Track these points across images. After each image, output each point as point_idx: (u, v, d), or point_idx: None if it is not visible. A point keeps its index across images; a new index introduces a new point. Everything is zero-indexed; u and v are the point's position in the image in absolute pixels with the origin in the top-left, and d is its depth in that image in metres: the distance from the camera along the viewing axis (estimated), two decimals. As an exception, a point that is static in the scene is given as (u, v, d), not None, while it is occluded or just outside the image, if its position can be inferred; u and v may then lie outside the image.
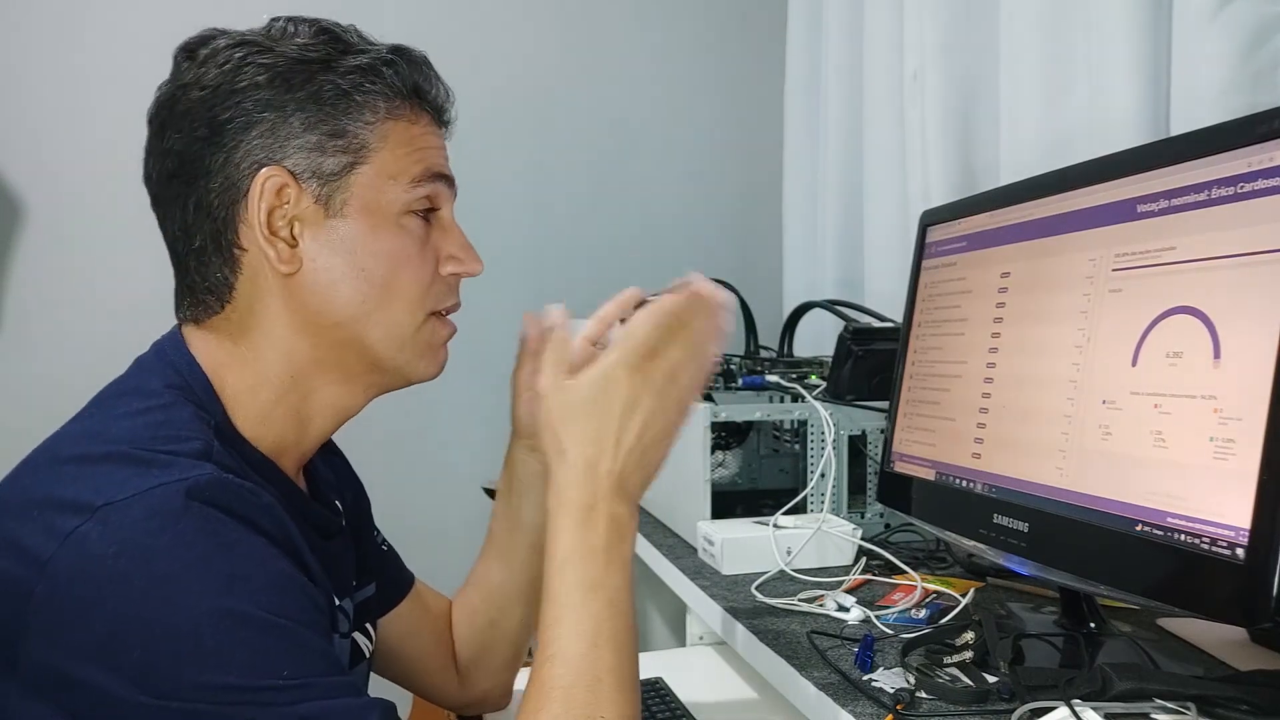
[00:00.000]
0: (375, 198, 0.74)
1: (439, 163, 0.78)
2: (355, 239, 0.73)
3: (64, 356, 1.92)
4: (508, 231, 2.22)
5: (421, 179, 0.76)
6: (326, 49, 0.73)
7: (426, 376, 0.80)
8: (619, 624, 0.68)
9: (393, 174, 0.74)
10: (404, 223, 0.75)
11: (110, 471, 0.61)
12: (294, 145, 0.72)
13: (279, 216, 0.72)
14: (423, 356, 0.79)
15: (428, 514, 2.07)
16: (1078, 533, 0.78)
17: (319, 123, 0.72)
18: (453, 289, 0.80)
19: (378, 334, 0.75)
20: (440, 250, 0.78)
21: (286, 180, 0.71)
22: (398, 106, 0.75)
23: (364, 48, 0.75)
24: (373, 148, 0.74)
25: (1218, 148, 0.72)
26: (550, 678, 0.65)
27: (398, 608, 0.98)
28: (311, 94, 0.72)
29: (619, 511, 0.71)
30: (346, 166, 0.73)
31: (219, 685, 0.57)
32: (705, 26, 2.34)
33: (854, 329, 1.42)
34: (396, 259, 0.75)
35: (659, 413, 0.72)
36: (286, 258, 0.72)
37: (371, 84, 0.74)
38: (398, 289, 0.75)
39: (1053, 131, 1.34)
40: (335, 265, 0.73)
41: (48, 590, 0.57)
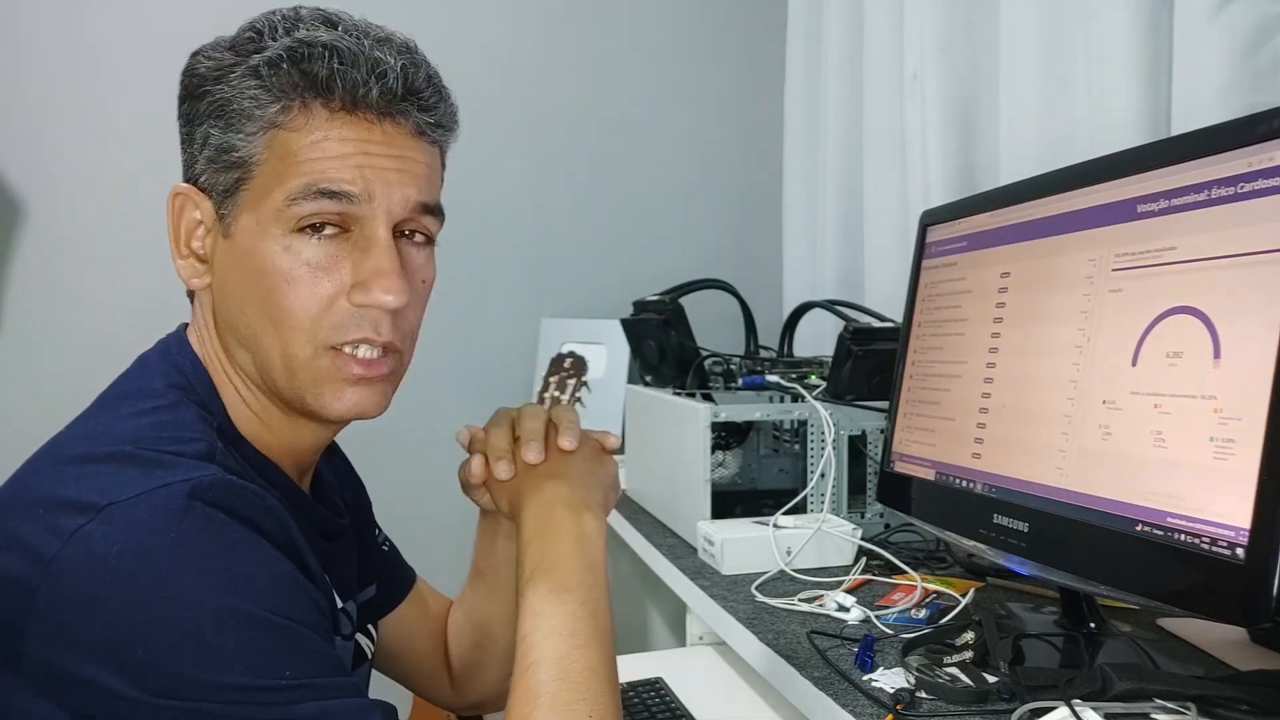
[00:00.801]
0: (258, 216, 0.68)
1: (333, 175, 0.67)
2: (242, 259, 0.69)
3: (64, 357, 1.92)
4: (507, 231, 2.22)
5: (299, 195, 0.67)
6: (232, 54, 0.69)
7: (336, 414, 0.71)
8: (595, 624, 0.69)
9: (269, 189, 0.68)
10: (291, 244, 0.68)
11: (114, 471, 0.61)
12: (200, 160, 0.70)
13: (191, 233, 0.72)
14: (321, 392, 0.70)
15: (428, 514, 2.06)
16: (1078, 533, 0.78)
17: (212, 137, 0.69)
18: (362, 320, 0.69)
19: (270, 360, 0.70)
20: (353, 275, 0.69)
21: (192, 196, 0.71)
22: (282, 112, 0.67)
23: (264, 45, 0.68)
24: (255, 161, 0.68)
25: (1218, 148, 0.72)
26: (534, 682, 0.65)
27: (398, 609, 0.98)
28: (210, 105, 0.69)
29: (582, 520, 0.75)
30: (235, 183, 0.69)
31: (221, 685, 0.57)
32: (705, 27, 2.34)
33: (854, 329, 1.42)
34: (277, 283, 0.68)
35: (586, 444, 0.83)
36: (194, 272, 0.73)
37: (251, 90, 0.68)
38: (278, 315, 0.68)
39: (1053, 131, 1.34)
40: (228, 285, 0.71)
41: (51, 589, 0.57)
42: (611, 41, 2.29)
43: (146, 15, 1.94)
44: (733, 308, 1.80)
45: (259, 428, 0.74)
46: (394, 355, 0.73)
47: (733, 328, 1.81)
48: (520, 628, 0.69)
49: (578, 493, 0.77)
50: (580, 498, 0.77)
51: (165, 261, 0.76)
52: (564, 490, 0.77)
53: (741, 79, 2.36)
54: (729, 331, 1.83)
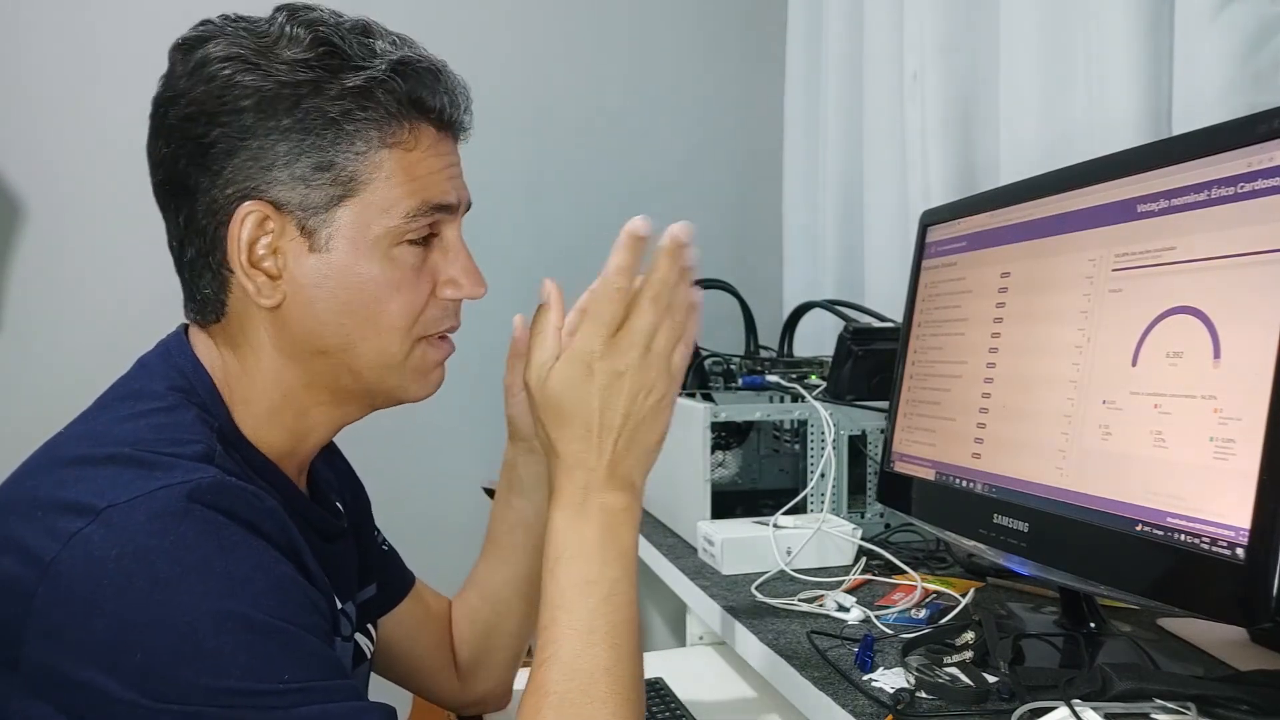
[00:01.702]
0: (364, 231, 0.70)
1: (439, 192, 0.73)
2: (340, 272, 0.70)
3: (64, 357, 1.92)
4: (506, 231, 2.22)
5: (417, 213, 0.71)
6: (318, 69, 0.68)
7: (418, 398, 0.77)
8: (616, 619, 0.68)
9: (385, 207, 0.70)
10: (395, 254, 0.71)
11: (113, 474, 0.61)
12: (278, 175, 0.68)
13: (261, 248, 0.69)
14: (414, 381, 0.76)
15: (428, 514, 2.06)
16: (1078, 533, 0.78)
17: (304, 153, 0.68)
18: (449, 312, 0.77)
19: (364, 363, 0.73)
20: (439, 273, 0.75)
21: (268, 213, 0.69)
22: (393, 133, 0.70)
23: (361, 63, 0.69)
24: (363, 180, 0.70)
25: (1218, 148, 0.72)
26: (546, 680, 0.65)
27: (398, 608, 0.98)
28: (297, 122, 0.68)
29: (612, 501, 0.71)
30: (334, 199, 0.69)
31: (219, 688, 0.57)
32: (705, 27, 2.34)
33: (854, 329, 1.42)
34: (383, 290, 0.71)
35: (642, 386, 0.71)
36: (268, 291, 0.70)
37: (363, 110, 0.69)
38: (383, 320, 0.72)
39: (1053, 131, 1.34)
40: (318, 298, 0.70)
41: (50, 591, 0.57)
42: (611, 41, 2.29)
43: (147, 15, 1.94)
44: (733, 308, 1.80)
45: (261, 428, 0.74)
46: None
47: (733, 328, 1.81)
48: (540, 618, 0.69)
49: (614, 467, 0.71)
50: (615, 473, 0.71)
51: (166, 261, 0.76)
52: (599, 466, 0.70)
53: (741, 79, 2.36)
54: (729, 331, 1.83)
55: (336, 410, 0.77)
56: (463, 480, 2.07)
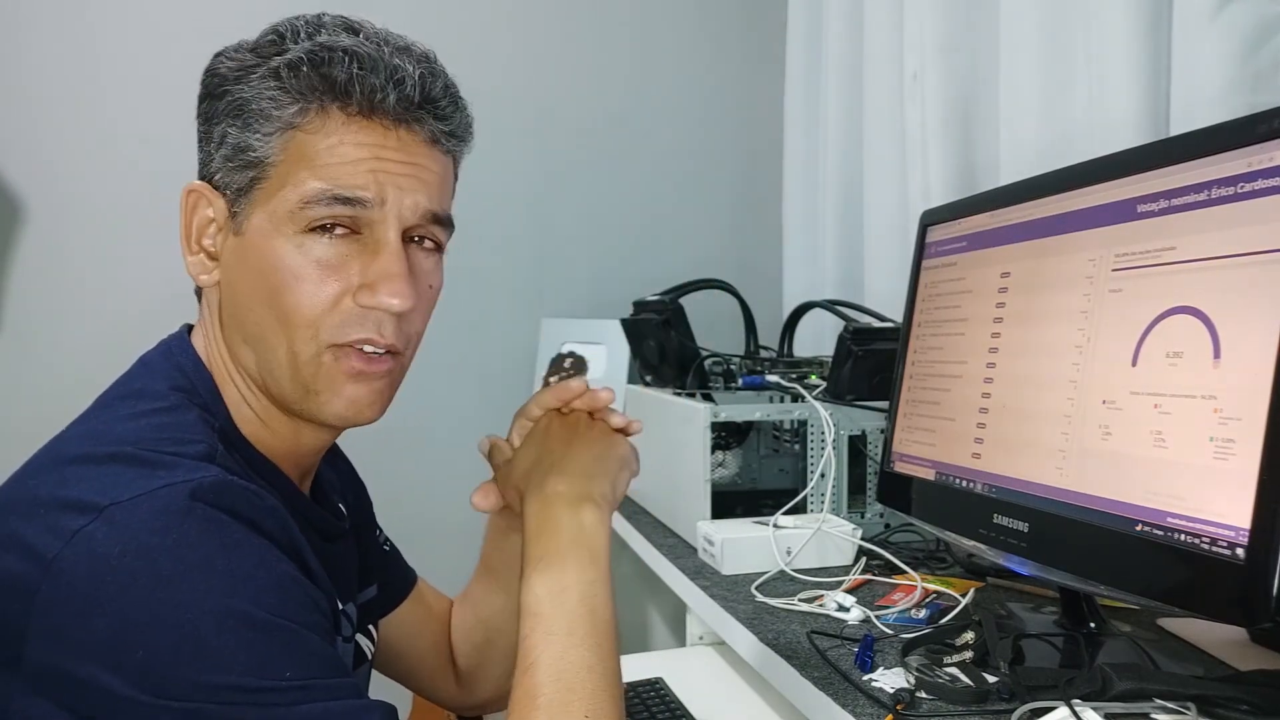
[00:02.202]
0: (270, 215, 0.69)
1: (349, 181, 0.68)
2: (252, 256, 0.70)
3: (64, 357, 1.92)
4: (506, 231, 2.22)
5: (313, 199, 0.68)
6: (254, 56, 0.70)
7: (334, 414, 0.71)
8: (593, 620, 0.69)
9: (283, 190, 0.69)
10: (302, 242, 0.68)
11: (115, 472, 0.61)
12: (215, 157, 0.71)
13: (209, 229, 0.72)
14: (320, 390, 0.70)
15: (428, 514, 2.06)
16: (1078, 533, 0.78)
17: (227, 136, 0.70)
18: (365, 320, 0.70)
19: (276, 359, 0.70)
20: (361, 276, 0.69)
21: (206, 193, 0.72)
22: (300, 114, 0.68)
23: (286, 48, 0.69)
24: (270, 162, 0.69)
25: (1218, 148, 0.72)
26: (532, 686, 0.66)
27: (399, 609, 0.98)
28: (228, 105, 0.70)
29: (581, 514, 0.75)
30: (250, 181, 0.70)
31: (221, 685, 0.57)
32: (705, 26, 2.34)
33: (854, 329, 1.42)
34: (285, 280, 0.69)
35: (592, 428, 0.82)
36: (207, 268, 0.73)
37: (270, 91, 0.68)
38: (283, 312, 0.69)
39: (1053, 131, 1.34)
40: (237, 282, 0.71)
41: (52, 589, 0.57)
42: (611, 41, 2.29)
43: (147, 15, 1.94)
44: (733, 308, 1.80)
45: (261, 429, 0.74)
46: (394, 358, 0.73)
47: (733, 328, 1.81)
48: (520, 629, 0.70)
49: (576, 486, 0.76)
50: (580, 491, 0.76)
51: (166, 261, 0.76)
52: (562, 485, 0.76)
53: (741, 79, 2.36)
54: (729, 331, 1.83)
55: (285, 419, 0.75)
56: (463, 480, 2.06)
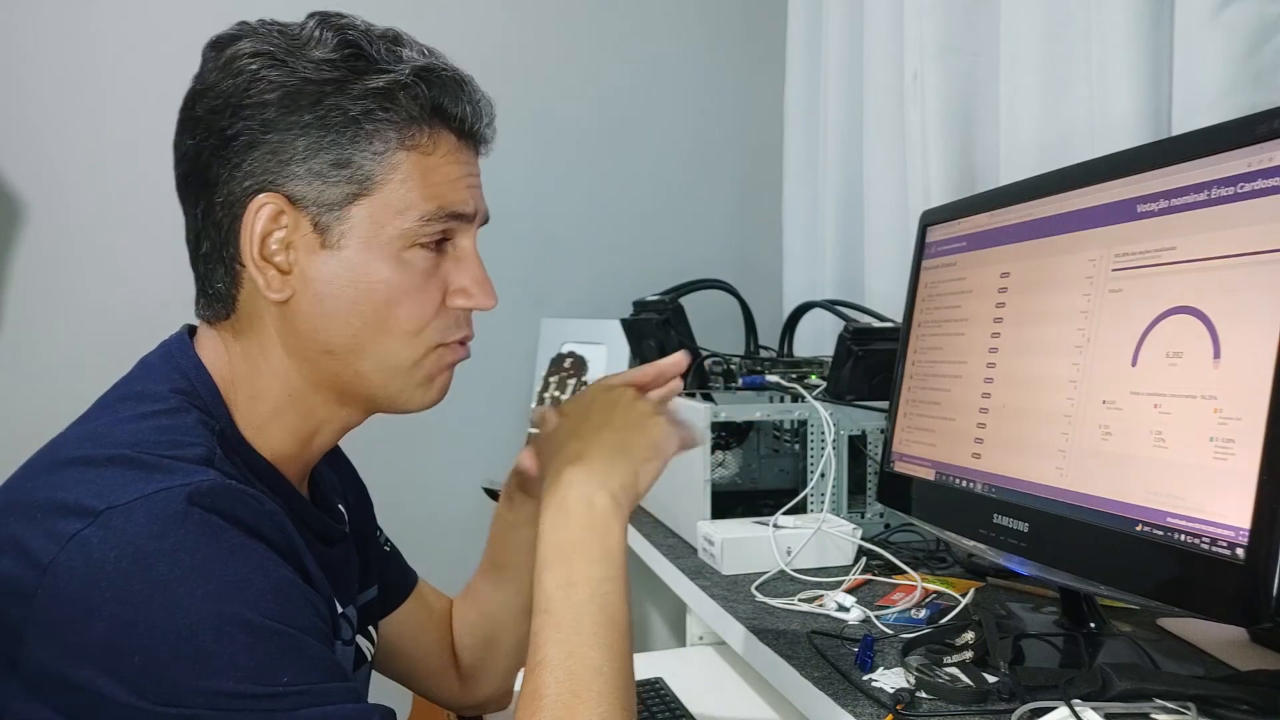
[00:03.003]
0: (377, 231, 0.70)
1: (456, 198, 0.73)
2: (351, 271, 0.70)
3: (64, 357, 1.92)
4: (508, 231, 2.22)
5: (431, 218, 0.71)
6: (343, 68, 0.69)
7: (421, 406, 0.77)
8: (603, 618, 0.68)
9: (400, 209, 0.70)
10: (407, 257, 0.71)
11: (113, 475, 0.61)
12: (296, 170, 0.69)
13: (273, 242, 0.70)
14: (419, 387, 0.76)
15: (428, 514, 2.06)
16: (1078, 533, 0.78)
17: (323, 149, 0.69)
18: (460, 322, 0.76)
19: (370, 365, 0.73)
20: (451, 282, 0.74)
21: (283, 206, 0.69)
22: (412, 135, 0.71)
23: (386, 66, 0.70)
24: (379, 180, 0.70)
25: (1218, 148, 0.72)
26: (539, 684, 0.65)
27: (400, 609, 0.98)
28: (319, 118, 0.69)
29: (595, 498, 0.73)
30: (349, 197, 0.70)
31: (218, 691, 0.56)
32: (705, 26, 2.34)
33: (854, 329, 1.42)
34: (393, 293, 0.71)
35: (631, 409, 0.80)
36: (277, 285, 0.70)
37: (384, 110, 0.70)
38: (393, 323, 0.72)
39: (1053, 131, 1.34)
40: (328, 295, 0.71)
41: (49, 593, 0.57)
42: (611, 41, 2.29)
43: (148, 14, 1.94)
44: (733, 308, 1.80)
45: (275, 433, 0.74)
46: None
47: (733, 328, 1.81)
48: (532, 622, 0.69)
49: (596, 475, 0.74)
50: (599, 481, 0.73)
51: (166, 262, 0.76)
52: (581, 473, 0.74)
53: (741, 79, 2.36)
54: (729, 331, 1.83)
55: (341, 411, 0.76)
56: (463, 480, 2.07)
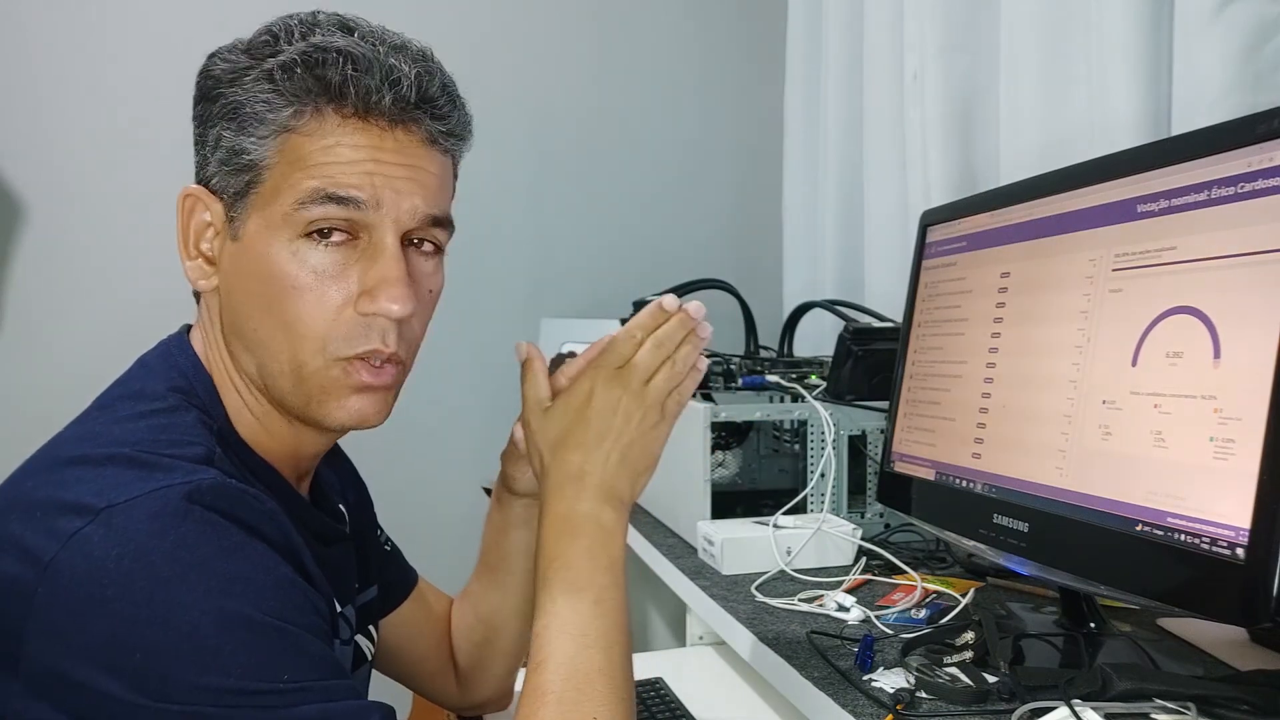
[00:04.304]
0: (266, 221, 0.68)
1: (340, 181, 0.66)
2: (251, 262, 0.69)
3: (64, 356, 1.92)
4: (507, 231, 2.22)
5: (306, 200, 0.66)
6: (247, 58, 0.69)
7: (338, 424, 0.71)
8: (607, 623, 0.69)
9: (277, 194, 0.67)
10: (297, 249, 0.67)
11: (113, 474, 0.61)
12: (211, 161, 0.70)
13: (201, 234, 0.72)
14: (326, 401, 0.70)
15: (428, 513, 2.06)
16: (1078, 533, 0.78)
17: (223, 140, 0.69)
18: (370, 331, 0.68)
19: (278, 367, 0.70)
20: (360, 283, 0.68)
21: (203, 198, 0.71)
22: (295, 116, 0.67)
23: (278, 50, 0.68)
24: (265, 165, 0.68)
25: (1218, 148, 0.72)
26: (541, 683, 0.66)
27: (400, 609, 0.98)
28: (221, 108, 0.69)
29: (602, 514, 0.73)
30: (245, 186, 0.69)
31: (219, 688, 0.56)
32: (705, 26, 2.34)
33: (854, 329, 1.42)
34: (282, 289, 0.67)
35: (637, 409, 0.75)
36: (206, 273, 0.72)
37: (264, 94, 0.67)
38: (288, 322, 0.68)
39: (1053, 131, 1.34)
40: (236, 288, 0.70)
41: (49, 592, 0.57)
42: (611, 41, 2.29)
43: (148, 14, 1.94)
44: (733, 308, 1.80)
45: (260, 432, 0.74)
46: (397, 366, 0.72)
47: (733, 328, 1.81)
48: (534, 625, 0.69)
49: (603, 491, 0.73)
50: (605, 496, 0.73)
51: (166, 262, 0.76)
52: (587, 490, 0.73)
53: (741, 79, 2.36)
54: (729, 331, 1.83)
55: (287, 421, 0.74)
56: (463, 480, 2.07)
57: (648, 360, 0.75)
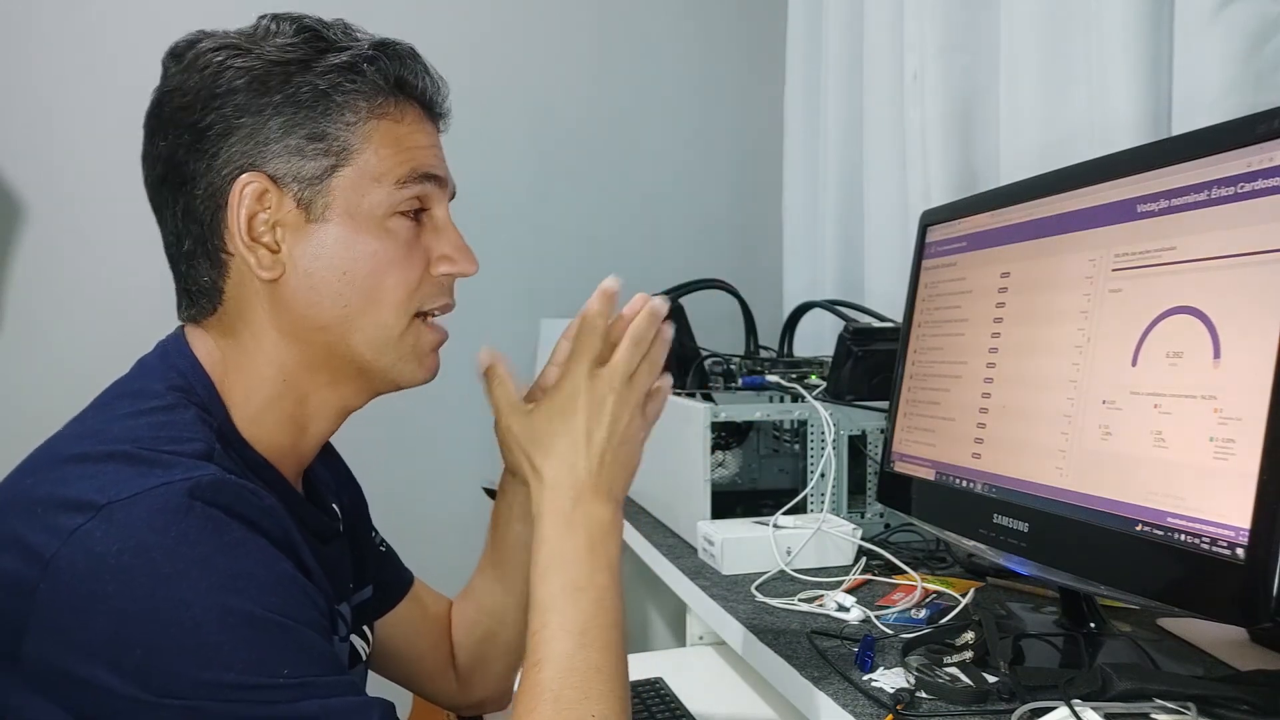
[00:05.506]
0: (358, 201, 0.72)
1: (427, 162, 0.75)
2: (338, 243, 0.72)
3: (64, 356, 1.92)
4: (507, 231, 2.22)
5: (407, 180, 0.73)
6: (306, 48, 0.71)
7: (415, 381, 0.78)
8: (606, 622, 0.69)
9: (376, 176, 0.72)
10: (390, 225, 0.73)
11: (114, 471, 0.61)
12: (273, 150, 0.70)
13: (260, 222, 0.71)
14: (409, 361, 0.76)
15: (427, 514, 2.07)
16: (1078, 533, 0.78)
17: (297, 126, 0.70)
18: (444, 289, 0.78)
19: (362, 338, 0.74)
20: (432, 250, 0.76)
21: (266, 185, 0.70)
22: (380, 105, 0.73)
23: (345, 44, 0.73)
24: (355, 149, 0.72)
25: (1218, 148, 0.72)
26: (540, 680, 0.66)
27: (396, 609, 0.98)
28: (289, 96, 0.70)
29: (600, 512, 0.74)
30: (327, 170, 0.71)
31: (220, 683, 0.57)
32: (705, 27, 2.34)
33: (854, 329, 1.42)
34: (380, 262, 0.73)
35: (624, 411, 0.77)
36: (268, 264, 0.71)
37: (351, 83, 0.72)
38: (382, 293, 0.73)
39: (1053, 131, 1.34)
40: (317, 270, 0.72)
41: (51, 588, 0.57)
42: (611, 41, 2.29)
43: (149, 14, 1.94)
44: (733, 308, 1.80)
45: (264, 429, 0.74)
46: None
47: (733, 328, 1.81)
48: (531, 623, 0.70)
49: (601, 478, 0.75)
50: (603, 494, 0.74)
51: (166, 262, 0.76)
52: (587, 477, 0.74)
53: (741, 78, 2.36)
54: (729, 331, 1.83)
55: (335, 394, 0.76)
56: (463, 480, 2.07)
57: (627, 358, 0.77)
